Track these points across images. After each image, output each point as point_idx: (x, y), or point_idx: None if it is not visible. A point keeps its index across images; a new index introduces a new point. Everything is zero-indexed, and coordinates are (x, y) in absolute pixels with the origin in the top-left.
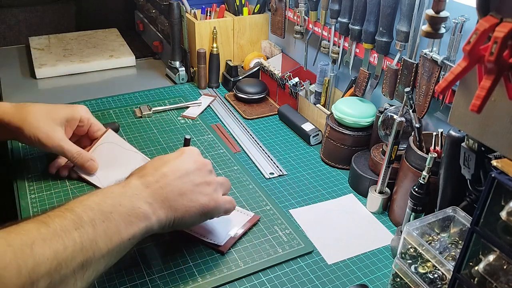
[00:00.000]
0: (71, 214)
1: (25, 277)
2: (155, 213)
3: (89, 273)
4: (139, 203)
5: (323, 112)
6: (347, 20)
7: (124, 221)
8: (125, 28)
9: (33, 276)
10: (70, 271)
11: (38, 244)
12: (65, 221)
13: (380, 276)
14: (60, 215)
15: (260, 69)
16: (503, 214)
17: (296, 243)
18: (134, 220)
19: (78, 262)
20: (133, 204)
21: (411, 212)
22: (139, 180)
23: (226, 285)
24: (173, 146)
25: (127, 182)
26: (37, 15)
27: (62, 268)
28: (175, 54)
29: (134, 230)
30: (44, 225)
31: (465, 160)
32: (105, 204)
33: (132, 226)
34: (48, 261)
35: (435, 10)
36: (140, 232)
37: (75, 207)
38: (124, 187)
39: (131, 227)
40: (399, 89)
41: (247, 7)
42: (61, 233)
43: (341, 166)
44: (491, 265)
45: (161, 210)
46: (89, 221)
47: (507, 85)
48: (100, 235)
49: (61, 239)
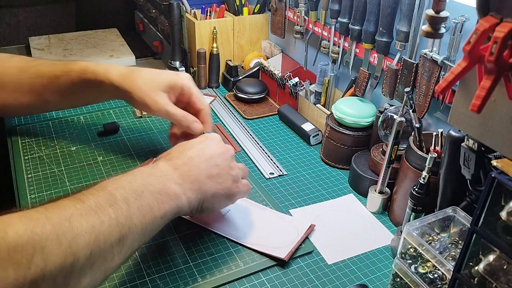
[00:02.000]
0: (104, 192)
1: (66, 247)
2: (185, 194)
3: (125, 249)
4: (169, 183)
5: (323, 112)
6: (347, 20)
7: (156, 199)
8: (125, 28)
9: (73, 248)
10: (108, 245)
11: (75, 218)
12: (99, 198)
13: (380, 276)
14: (94, 193)
15: (260, 69)
16: (503, 214)
17: None
18: (165, 199)
19: (114, 237)
20: (164, 184)
21: (411, 212)
22: (167, 162)
23: (226, 285)
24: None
25: (156, 164)
26: (37, 15)
27: (100, 242)
28: (175, 54)
29: (166, 209)
30: (80, 201)
31: (465, 160)
32: (136, 184)
33: (163, 205)
34: (86, 234)
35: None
36: (171, 211)
37: (107, 186)
38: (153, 168)
39: (163, 205)
40: (399, 89)
41: (247, 7)
42: (96, 209)
43: (341, 166)
44: (491, 265)
45: (191, 191)
46: (122, 198)
47: (507, 85)
48: (134, 212)
49: (97, 215)
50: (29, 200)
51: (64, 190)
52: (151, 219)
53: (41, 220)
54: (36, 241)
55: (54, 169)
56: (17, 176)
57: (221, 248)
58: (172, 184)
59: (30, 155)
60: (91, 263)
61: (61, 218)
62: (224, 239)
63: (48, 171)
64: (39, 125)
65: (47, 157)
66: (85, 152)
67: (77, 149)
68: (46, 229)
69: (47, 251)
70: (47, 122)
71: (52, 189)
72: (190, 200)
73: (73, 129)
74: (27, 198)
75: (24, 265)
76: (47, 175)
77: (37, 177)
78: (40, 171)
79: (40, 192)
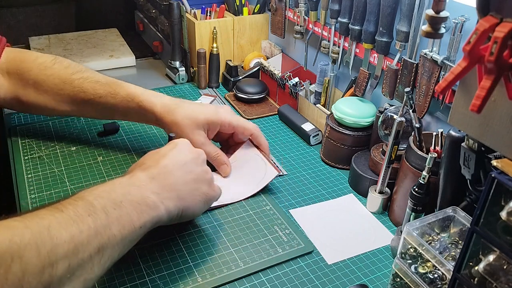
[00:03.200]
0: (83, 202)
1: (45, 257)
2: (163, 203)
3: (105, 259)
4: (147, 193)
5: (323, 112)
6: (347, 20)
7: (135, 209)
8: (125, 28)
9: (52, 257)
10: (87, 255)
11: (54, 227)
12: (77, 208)
13: (380, 276)
14: (72, 203)
15: (260, 69)
16: (503, 214)
17: (296, 243)
18: (144, 209)
19: (94, 247)
20: (142, 194)
21: (411, 212)
22: (143, 172)
23: (226, 285)
24: None
25: (133, 174)
26: (37, 15)
27: (79, 251)
28: (175, 54)
29: (145, 219)
30: (58, 210)
31: (465, 160)
32: (115, 193)
33: (143, 215)
34: (65, 243)
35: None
36: (151, 221)
37: (85, 196)
38: (131, 178)
39: (142, 215)
40: (399, 89)
41: (247, 7)
42: (75, 218)
43: (341, 166)
44: (491, 265)
45: (169, 200)
46: (101, 208)
47: (507, 85)
48: (113, 222)
49: (75, 224)
50: (29, 200)
51: (64, 190)
52: (130, 229)
53: (20, 229)
54: (15, 250)
55: (54, 169)
56: (17, 176)
57: (221, 248)
58: (150, 194)
59: (30, 155)
60: (70, 273)
61: (40, 227)
62: (225, 239)
63: (48, 171)
64: (39, 125)
65: (47, 157)
66: (85, 152)
67: (77, 149)
68: (24, 238)
69: (26, 260)
70: (47, 122)
71: (52, 189)
72: (169, 209)
73: (73, 129)
74: (27, 198)
75: (2, 275)
76: (47, 175)
77: (37, 177)
78: (40, 171)
79: (40, 192)
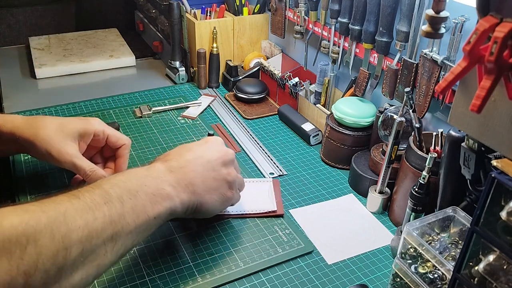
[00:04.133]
0: (99, 190)
1: (59, 241)
2: (178, 196)
3: (118, 247)
4: (163, 184)
5: (323, 112)
6: (347, 20)
7: (149, 200)
8: (125, 28)
9: (66, 242)
10: (101, 242)
11: (70, 213)
12: (94, 196)
13: (380, 276)
14: (89, 191)
15: (260, 69)
16: (503, 214)
17: (296, 243)
18: (159, 200)
19: (107, 234)
20: (158, 185)
21: (411, 212)
22: (163, 164)
23: (226, 285)
24: (173, 146)
25: (152, 165)
26: (37, 15)
27: (93, 238)
28: (175, 54)
29: (159, 210)
30: (75, 197)
31: (465, 160)
32: (131, 184)
33: (157, 206)
34: (79, 229)
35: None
36: (165, 212)
37: (103, 184)
38: (149, 170)
39: (156, 206)
40: (399, 89)
41: (247, 7)
42: (91, 205)
43: (341, 166)
44: (491, 265)
45: (185, 193)
46: (117, 197)
47: (507, 85)
48: (128, 211)
49: (91, 211)
50: (29, 200)
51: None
52: (144, 219)
53: (37, 213)
54: (30, 233)
55: (54, 169)
56: (17, 176)
57: (221, 248)
58: (167, 186)
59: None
60: (84, 258)
61: (56, 212)
62: (225, 239)
63: (48, 171)
64: None
65: None
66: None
67: None
68: (40, 222)
69: (41, 243)
70: None
71: (52, 189)
72: (184, 202)
73: None
74: (27, 198)
75: (18, 255)
76: (47, 175)
77: (37, 177)
78: (40, 171)
79: (40, 193)
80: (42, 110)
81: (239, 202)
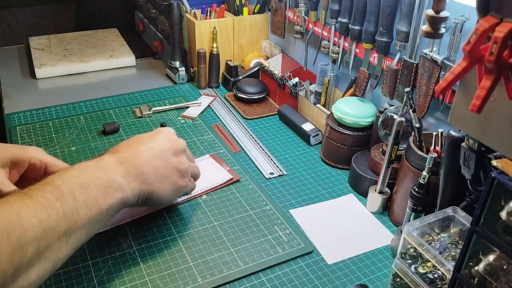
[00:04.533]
0: (51, 187)
1: (14, 242)
2: (129, 185)
3: (73, 241)
4: (114, 176)
5: (323, 112)
6: (347, 20)
7: (101, 192)
8: (125, 28)
9: (22, 242)
10: (55, 237)
11: (24, 212)
12: (46, 193)
13: (380, 276)
14: (41, 188)
15: (260, 69)
16: (503, 214)
17: (296, 243)
18: (110, 192)
19: (62, 230)
20: (109, 177)
21: (411, 212)
22: (113, 156)
23: (226, 285)
24: None
25: (102, 158)
26: (37, 15)
27: (48, 235)
28: (175, 54)
29: (111, 201)
30: (28, 196)
31: (465, 160)
32: (82, 177)
33: (109, 197)
34: (34, 228)
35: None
36: (117, 203)
37: (53, 180)
38: (99, 162)
39: (108, 198)
40: (399, 89)
41: (247, 7)
42: (44, 203)
43: (341, 166)
44: (491, 265)
45: (135, 183)
46: (68, 192)
47: (507, 85)
48: (80, 205)
49: (44, 209)
50: None
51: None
52: (97, 212)
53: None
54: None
55: None
56: None
57: (221, 248)
58: (117, 177)
59: None
60: (39, 255)
61: (10, 213)
62: (225, 239)
63: None
64: (39, 125)
65: None
66: (85, 152)
67: (77, 149)
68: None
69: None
70: (47, 122)
71: None
72: (135, 192)
73: (73, 129)
74: None
75: None
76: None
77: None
78: None
79: None
80: (42, 110)
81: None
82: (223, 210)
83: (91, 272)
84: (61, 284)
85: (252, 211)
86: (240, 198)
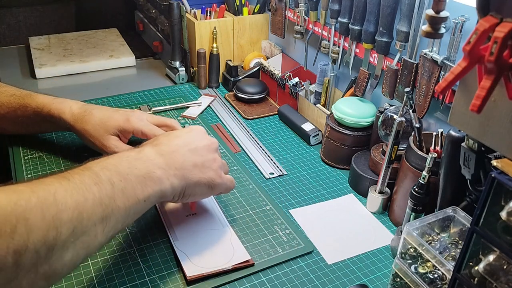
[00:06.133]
0: (89, 172)
1: (49, 221)
2: (168, 179)
3: (108, 228)
4: (153, 168)
5: (323, 112)
6: (347, 20)
7: (139, 183)
8: (125, 28)
9: (56, 222)
10: (91, 223)
11: (60, 193)
12: (84, 177)
13: (380, 276)
14: (79, 173)
15: (260, 69)
16: (503, 214)
17: (296, 243)
18: (149, 183)
19: (98, 216)
20: (148, 169)
21: (411, 212)
22: (153, 148)
23: (226, 285)
24: None
25: (142, 149)
26: (37, 15)
27: (84, 218)
28: (175, 54)
29: (149, 192)
30: (65, 179)
31: (465, 160)
32: (121, 166)
33: (147, 188)
34: (70, 210)
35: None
36: (155, 195)
37: (92, 166)
38: (139, 153)
39: (146, 189)
40: (399, 89)
41: (247, 7)
42: (81, 186)
43: (341, 166)
44: (491, 265)
45: (175, 177)
46: (107, 179)
47: (507, 85)
48: (118, 194)
49: (81, 191)
50: None
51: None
52: (134, 202)
53: (26, 193)
54: (20, 212)
55: (54, 169)
56: (17, 176)
57: None
58: (157, 169)
59: (30, 155)
60: (74, 239)
61: (46, 192)
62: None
63: (48, 171)
64: None
65: (47, 157)
66: (85, 152)
67: (77, 149)
68: (30, 202)
69: (31, 222)
70: None
71: None
72: (174, 186)
73: None
74: None
75: (7, 234)
76: (47, 175)
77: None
78: (40, 171)
79: None
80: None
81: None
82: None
83: (91, 272)
84: (61, 284)
85: (252, 211)
86: (240, 198)
